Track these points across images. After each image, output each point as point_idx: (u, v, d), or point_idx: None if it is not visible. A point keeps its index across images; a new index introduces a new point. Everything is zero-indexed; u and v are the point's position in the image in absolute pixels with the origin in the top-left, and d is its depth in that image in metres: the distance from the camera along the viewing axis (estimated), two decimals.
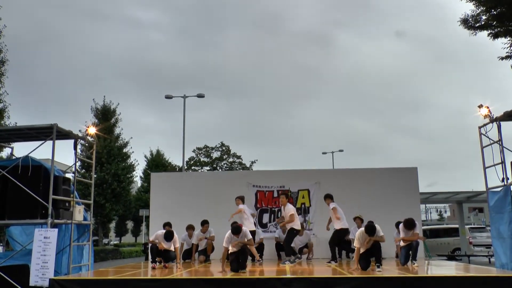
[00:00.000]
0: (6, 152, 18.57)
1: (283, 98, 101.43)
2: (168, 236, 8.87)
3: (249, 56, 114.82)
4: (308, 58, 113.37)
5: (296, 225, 9.35)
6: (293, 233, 9.32)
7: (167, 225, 10.47)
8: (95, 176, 10.75)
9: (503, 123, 8.58)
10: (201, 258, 10.66)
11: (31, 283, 7.22)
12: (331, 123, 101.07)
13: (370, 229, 7.76)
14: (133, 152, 30.48)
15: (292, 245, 9.58)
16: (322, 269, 8.46)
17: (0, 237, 17.57)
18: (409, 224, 8.36)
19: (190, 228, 10.95)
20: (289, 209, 9.40)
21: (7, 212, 7.99)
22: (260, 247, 10.73)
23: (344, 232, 9.84)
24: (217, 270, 8.38)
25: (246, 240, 8.01)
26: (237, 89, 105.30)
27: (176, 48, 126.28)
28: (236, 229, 7.92)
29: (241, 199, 10.43)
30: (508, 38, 14.97)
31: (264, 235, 11.34)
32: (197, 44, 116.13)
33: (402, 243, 8.66)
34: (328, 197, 10.08)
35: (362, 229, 7.95)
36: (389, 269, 8.05)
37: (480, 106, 8.75)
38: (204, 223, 10.86)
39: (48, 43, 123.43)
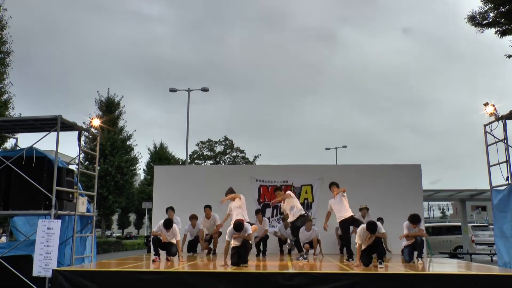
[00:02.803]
0: (10, 143, 18.66)
1: (287, 93, 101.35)
2: (167, 224, 8.83)
3: (254, 51, 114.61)
4: (313, 54, 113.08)
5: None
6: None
7: (170, 209, 10.40)
8: (98, 168, 10.77)
9: (508, 122, 8.53)
10: (205, 245, 10.57)
11: (34, 274, 7.26)
12: (334, 119, 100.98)
13: (371, 226, 7.76)
14: (136, 145, 30.67)
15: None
16: (324, 264, 8.47)
17: (4, 227, 17.69)
18: (415, 219, 8.38)
19: (193, 218, 10.79)
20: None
21: (11, 202, 8.02)
22: (265, 239, 10.66)
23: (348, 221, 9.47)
24: (219, 263, 8.39)
25: (246, 234, 8.05)
26: (241, 83, 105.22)
27: (180, 43, 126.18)
28: (238, 226, 7.97)
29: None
30: None
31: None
32: (202, 38, 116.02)
33: (405, 242, 8.64)
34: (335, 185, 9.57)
35: (364, 225, 7.94)
36: (391, 265, 8.05)
37: (486, 104, 8.68)
38: (206, 207, 10.67)
39: (53, 36, 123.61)
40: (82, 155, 9.43)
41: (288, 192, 9.59)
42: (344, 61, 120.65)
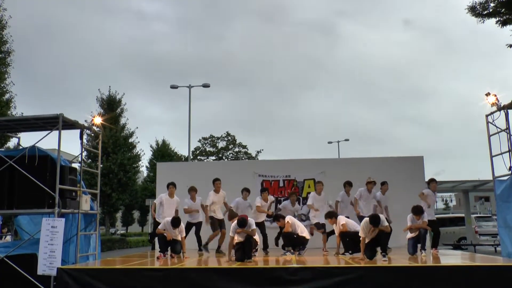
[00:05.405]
0: (13, 142, 18.68)
1: (288, 87, 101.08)
2: (175, 223, 8.81)
3: (254, 46, 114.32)
4: (313, 48, 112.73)
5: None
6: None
7: (171, 185, 10.04)
8: (101, 166, 10.76)
9: (510, 111, 8.50)
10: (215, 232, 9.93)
11: (39, 272, 7.28)
12: (336, 113, 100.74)
13: (374, 219, 7.75)
14: (139, 142, 30.60)
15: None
16: (328, 259, 8.48)
17: (8, 226, 17.75)
18: (418, 210, 8.39)
19: (192, 189, 10.16)
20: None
21: (15, 201, 8.03)
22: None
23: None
24: (223, 259, 8.41)
25: (249, 230, 8.06)
26: (242, 79, 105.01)
27: (180, 39, 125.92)
28: (242, 221, 7.97)
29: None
30: None
31: (271, 225, 11.29)
32: (202, 35, 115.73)
33: (409, 234, 8.65)
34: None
35: (367, 219, 7.94)
36: (395, 258, 8.06)
37: (488, 94, 8.65)
38: (216, 180, 10.26)
39: (53, 35, 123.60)
40: (84, 153, 9.44)
41: (287, 220, 9.00)
42: (345, 54, 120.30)
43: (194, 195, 10.21)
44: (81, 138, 8.78)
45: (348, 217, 9.81)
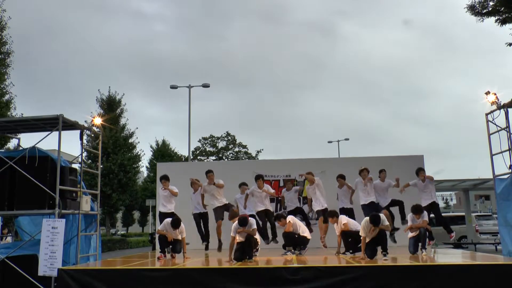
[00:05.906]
0: (13, 143, 18.68)
1: (288, 87, 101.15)
2: (175, 224, 8.79)
3: (254, 46, 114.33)
4: (313, 48, 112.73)
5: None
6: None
7: (163, 178, 9.98)
8: (101, 166, 10.76)
9: (510, 110, 8.50)
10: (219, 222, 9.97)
11: (40, 273, 7.28)
12: (336, 112, 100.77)
13: (375, 219, 7.73)
14: (139, 142, 30.63)
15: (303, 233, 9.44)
16: (329, 258, 8.47)
17: (9, 227, 17.75)
18: (417, 209, 8.36)
19: (195, 183, 10.29)
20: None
21: (15, 202, 8.04)
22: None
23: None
24: (224, 259, 8.41)
25: (250, 229, 8.05)
26: (242, 79, 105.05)
27: (180, 39, 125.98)
28: (243, 221, 7.95)
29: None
30: None
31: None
32: (202, 35, 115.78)
33: (410, 234, 8.64)
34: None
35: (367, 218, 7.92)
36: (396, 257, 8.05)
37: (487, 93, 8.66)
38: (209, 172, 10.22)
39: (53, 36, 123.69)
40: (84, 154, 9.44)
41: (289, 220, 8.97)
42: (345, 54, 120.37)
43: (196, 188, 10.34)
44: (81, 138, 8.79)
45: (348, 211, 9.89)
